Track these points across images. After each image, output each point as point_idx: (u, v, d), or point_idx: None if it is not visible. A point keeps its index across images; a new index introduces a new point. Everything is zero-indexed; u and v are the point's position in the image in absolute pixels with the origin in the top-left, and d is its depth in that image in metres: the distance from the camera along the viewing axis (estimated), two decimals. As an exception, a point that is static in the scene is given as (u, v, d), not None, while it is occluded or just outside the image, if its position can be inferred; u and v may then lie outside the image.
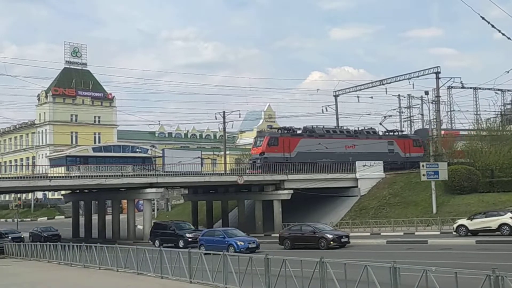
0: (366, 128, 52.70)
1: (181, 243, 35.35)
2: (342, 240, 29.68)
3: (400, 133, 53.45)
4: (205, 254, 16.38)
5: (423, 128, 56.04)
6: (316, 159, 46.01)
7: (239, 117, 61.04)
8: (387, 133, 53.48)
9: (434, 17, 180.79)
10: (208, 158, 72.56)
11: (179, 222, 40.60)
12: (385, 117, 55.43)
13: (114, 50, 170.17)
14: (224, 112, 57.80)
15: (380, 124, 54.18)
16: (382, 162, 48.98)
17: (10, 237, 42.22)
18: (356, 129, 52.27)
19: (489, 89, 64.59)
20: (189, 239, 35.13)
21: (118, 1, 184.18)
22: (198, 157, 61.89)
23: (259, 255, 13.63)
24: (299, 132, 48.42)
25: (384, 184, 46.99)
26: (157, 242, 36.40)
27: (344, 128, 52.25)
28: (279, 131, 48.13)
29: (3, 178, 36.58)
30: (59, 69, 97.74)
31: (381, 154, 48.97)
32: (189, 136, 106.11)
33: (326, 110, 63.09)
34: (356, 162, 47.78)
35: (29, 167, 77.16)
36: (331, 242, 28.88)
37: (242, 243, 28.89)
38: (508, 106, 68.20)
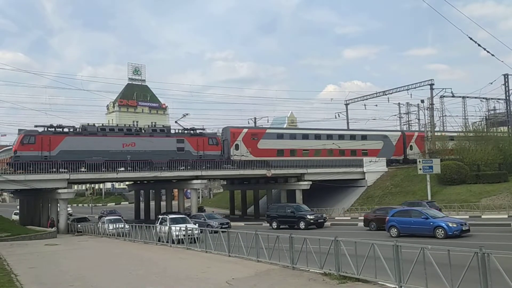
0: (155, 126, 41.94)
1: (301, 225, 30.37)
2: None
3: (195, 132, 42.28)
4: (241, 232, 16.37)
5: (227, 127, 45.79)
6: (84, 157, 36.71)
7: (267, 122, 61.22)
8: (182, 131, 42.50)
9: (430, 39, 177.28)
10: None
11: (298, 204, 35.30)
12: (184, 115, 46.09)
13: (168, 69, 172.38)
14: (255, 118, 58.07)
15: (176, 122, 44.27)
16: (385, 159, 48.33)
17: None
18: (141, 127, 42.39)
19: (475, 97, 63.22)
20: (311, 221, 30.48)
21: (171, 30, 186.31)
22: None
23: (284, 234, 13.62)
24: (66, 130, 37.84)
25: (387, 176, 46.38)
26: (274, 224, 32.22)
27: (126, 126, 40.37)
28: (46, 129, 36.82)
29: (81, 171, 37.28)
30: (123, 85, 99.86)
31: (169, 152, 39.96)
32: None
33: (339, 116, 62.78)
34: (364, 158, 47.30)
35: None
36: None
37: (455, 225, 20.25)
38: (492, 112, 66.34)
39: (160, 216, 27.41)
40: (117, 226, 28.21)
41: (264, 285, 10.63)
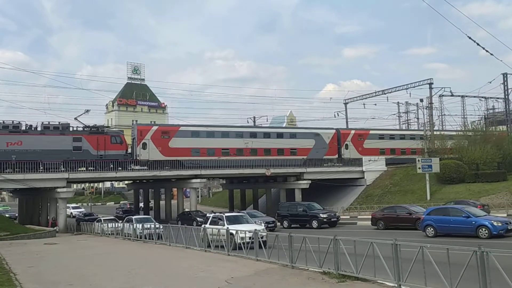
0: (49, 123, 37.28)
1: (314, 224, 28.93)
2: None
3: (96, 129, 38.42)
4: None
5: (134, 124, 42.85)
6: None
7: (267, 121, 61.33)
8: (83, 129, 38.48)
9: (429, 38, 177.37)
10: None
11: (310, 203, 33.62)
12: (87, 111, 41.59)
13: (168, 68, 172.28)
14: (254, 117, 58.03)
15: (76, 119, 40.01)
16: (384, 158, 48.32)
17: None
18: (32, 124, 37.31)
19: (474, 96, 63.42)
20: (324, 219, 29.21)
21: (171, 29, 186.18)
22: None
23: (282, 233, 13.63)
24: None
25: (386, 175, 46.41)
26: (285, 223, 31.18)
27: (14, 122, 36.00)
28: None
29: (80, 171, 37.25)
30: (123, 84, 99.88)
31: (63, 151, 36.09)
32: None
33: (338, 115, 62.81)
34: (363, 158, 47.28)
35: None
36: None
37: (500, 224, 19.05)
38: (490, 111, 66.44)
39: (211, 215, 22.52)
40: (148, 226, 23.98)
41: (263, 284, 10.63)
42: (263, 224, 22.51)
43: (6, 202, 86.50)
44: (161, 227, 23.45)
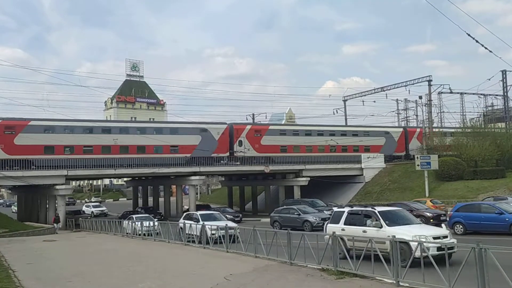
0: None
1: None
2: (441, 218, 24.41)
3: None
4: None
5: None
6: None
7: (266, 118, 61.04)
8: None
9: (429, 35, 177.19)
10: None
11: (313, 200, 32.56)
12: None
13: (168, 65, 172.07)
14: (253, 114, 57.97)
15: None
16: (383, 154, 48.35)
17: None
18: None
19: (473, 93, 63.17)
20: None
21: (169, 26, 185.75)
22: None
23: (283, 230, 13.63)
24: None
25: (385, 172, 46.43)
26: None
27: None
28: None
29: (79, 167, 37.22)
30: (121, 81, 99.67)
31: None
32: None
33: (337, 112, 62.74)
34: (362, 154, 47.41)
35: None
36: (431, 220, 23.88)
37: None
38: (490, 108, 66.41)
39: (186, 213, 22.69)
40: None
41: (262, 280, 10.63)
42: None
43: (6, 199, 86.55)
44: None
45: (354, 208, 14.67)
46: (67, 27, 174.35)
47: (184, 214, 23.06)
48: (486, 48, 19.82)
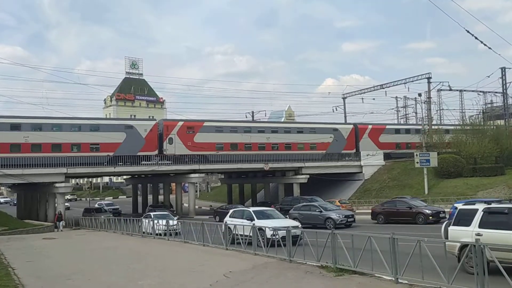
0: None
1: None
2: (440, 215, 24.43)
3: None
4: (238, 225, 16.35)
5: None
6: None
7: (265, 116, 61.10)
8: None
9: (429, 32, 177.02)
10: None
11: (312, 197, 32.43)
12: None
13: (167, 63, 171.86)
14: (252, 112, 58.07)
15: None
16: (382, 152, 48.36)
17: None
18: None
19: (472, 91, 63.43)
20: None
21: (168, 23, 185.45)
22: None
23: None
24: None
25: (384, 170, 46.47)
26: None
27: None
28: None
29: (79, 165, 37.20)
30: (121, 79, 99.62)
31: None
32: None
33: (336, 110, 62.84)
34: (361, 152, 47.42)
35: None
36: (430, 217, 24.06)
37: None
38: (489, 105, 66.48)
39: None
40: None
41: (261, 278, 10.64)
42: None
43: (13, 197, 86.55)
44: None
45: (494, 205, 10.52)
46: (66, 25, 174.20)
47: (232, 211, 20.76)
48: (485, 45, 19.83)
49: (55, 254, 17.32)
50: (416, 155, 38.80)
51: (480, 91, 63.60)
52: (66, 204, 46.88)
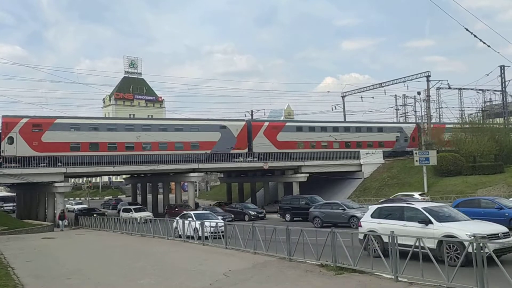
0: None
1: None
2: None
3: None
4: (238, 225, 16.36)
5: None
6: None
7: (264, 114, 61.08)
8: None
9: (428, 30, 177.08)
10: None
11: (312, 196, 32.57)
12: None
13: (166, 62, 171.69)
14: (252, 111, 57.92)
15: None
16: (381, 150, 48.40)
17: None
18: None
19: (472, 89, 63.44)
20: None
21: (168, 22, 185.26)
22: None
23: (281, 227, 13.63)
24: None
25: (384, 168, 46.49)
26: (288, 216, 30.44)
27: None
28: None
29: (78, 165, 37.15)
30: (119, 78, 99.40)
31: None
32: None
33: (335, 108, 62.78)
34: (360, 150, 47.44)
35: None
36: None
37: None
38: (488, 103, 66.53)
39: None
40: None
41: (261, 276, 10.64)
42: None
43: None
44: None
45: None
46: (64, 23, 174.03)
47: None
48: (484, 43, 19.84)
49: (55, 254, 17.30)
50: (416, 153, 38.88)
51: (479, 89, 63.70)
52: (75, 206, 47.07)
